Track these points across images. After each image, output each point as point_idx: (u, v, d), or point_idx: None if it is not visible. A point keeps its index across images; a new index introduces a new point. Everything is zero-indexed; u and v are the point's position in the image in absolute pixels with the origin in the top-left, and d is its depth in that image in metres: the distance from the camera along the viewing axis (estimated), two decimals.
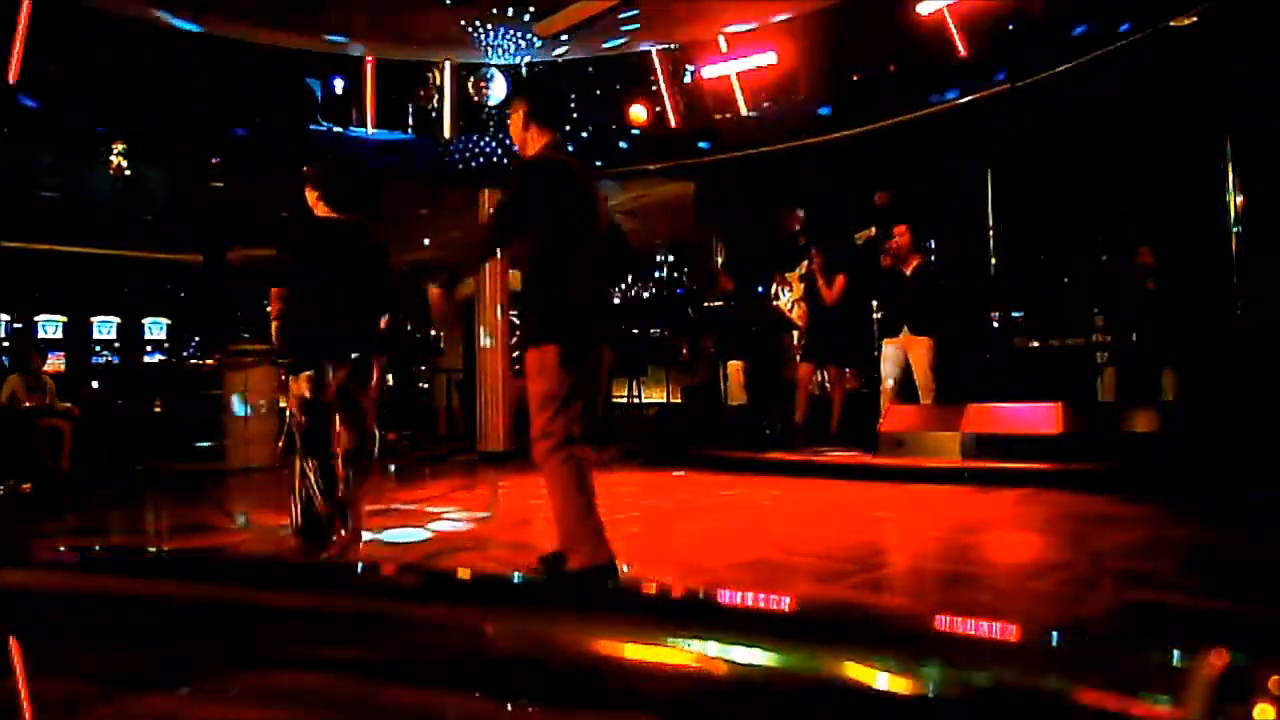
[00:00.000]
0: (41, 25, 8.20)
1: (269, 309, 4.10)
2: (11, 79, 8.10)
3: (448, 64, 10.24)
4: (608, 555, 3.28)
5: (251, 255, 12.71)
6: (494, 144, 10.32)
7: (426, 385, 15.49)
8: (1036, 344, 7.68)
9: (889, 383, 7.84)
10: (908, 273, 7.82)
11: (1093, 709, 0.49)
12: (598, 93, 10.38)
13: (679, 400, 11.34)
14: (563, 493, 3.32)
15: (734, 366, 9.38)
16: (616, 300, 13.95)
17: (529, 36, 9.26)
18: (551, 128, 3.53)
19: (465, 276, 3.18)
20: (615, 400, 12.93)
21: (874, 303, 9.47)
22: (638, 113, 10.15)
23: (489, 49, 9.59)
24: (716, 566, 4.01)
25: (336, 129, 9.80)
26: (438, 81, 10.41)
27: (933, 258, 8.13)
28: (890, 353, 7.84)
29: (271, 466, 8.06)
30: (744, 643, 0.61)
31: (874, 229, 8.77)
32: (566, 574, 3.25)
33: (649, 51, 10.09)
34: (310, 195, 4.25)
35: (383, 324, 4.29)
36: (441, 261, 3.24)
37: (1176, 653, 0.52)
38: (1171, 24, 7.07)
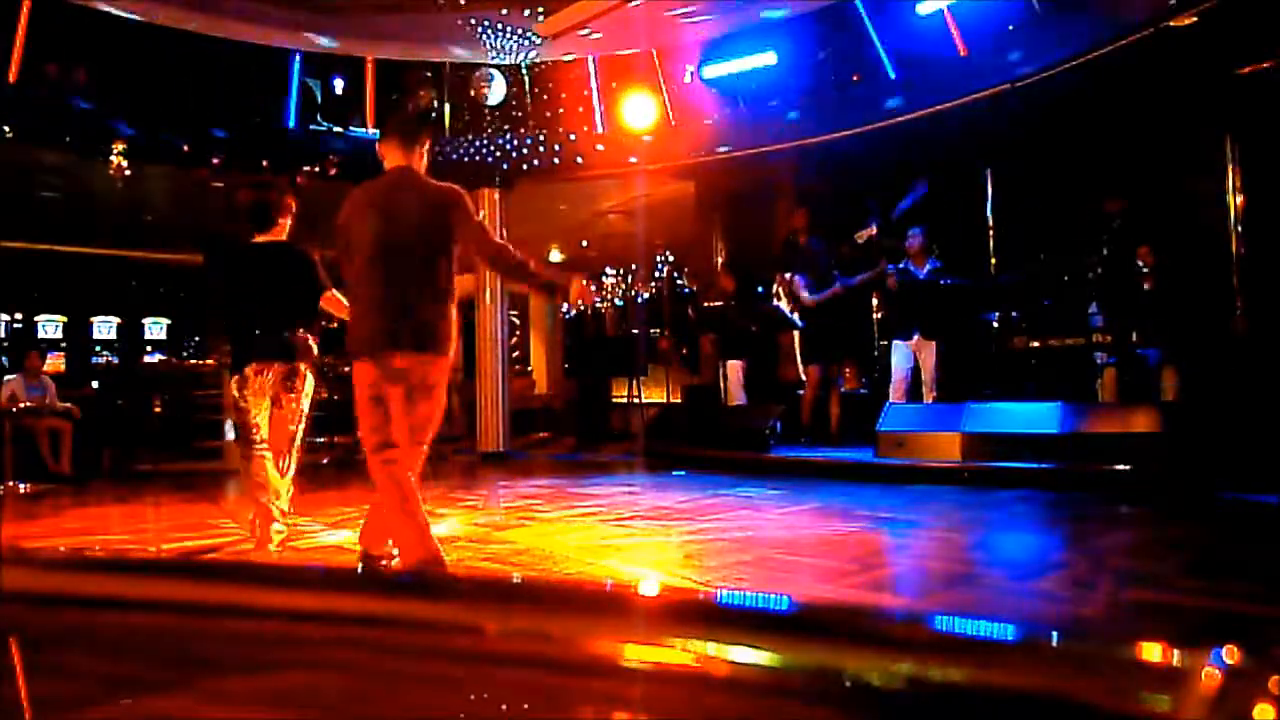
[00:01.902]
0: (42, 25, 8.20)
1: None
2: (12, 78, 8.10)
3: (447, 64, 10.25)
4: (432, 555, 3.43)
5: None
6: (493, 144, 10.32)
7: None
8: (1036, 344, 7.69)
9: (899, 383, 7.89)
10: (921, 276, 7.85)
11: (1093, 709, 0.49)
12: (598, 92, 10.37)
13: (679, 400, 11.34)
14: (381, 494, 3.59)
15: (734, 366, 9.37)
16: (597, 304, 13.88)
17: (530, 36, 9.26)
18: (403, 152, 3.71)
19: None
20: (615, 400, 12.94)
21: (874, 301, 9.48)
22: (638, 113, 10.15)
23: (489, 50, 9.59)
24: (717, 566, 4.01)
25: (336, 129, 9.81)
26: (438, 82, 10.41)
27: (939, 261, 8.14)
28: (901, 355, 7.90)
29: None
30: (744, 643, 0.61)
31: (874, 229, 8.77)
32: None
33: (649, 51, 10.09)
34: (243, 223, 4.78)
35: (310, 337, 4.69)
36: None
37: (1176, 653, 0.52)
38: (1171, 24, 7.06)
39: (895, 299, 8.17)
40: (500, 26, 9.11)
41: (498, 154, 10.31)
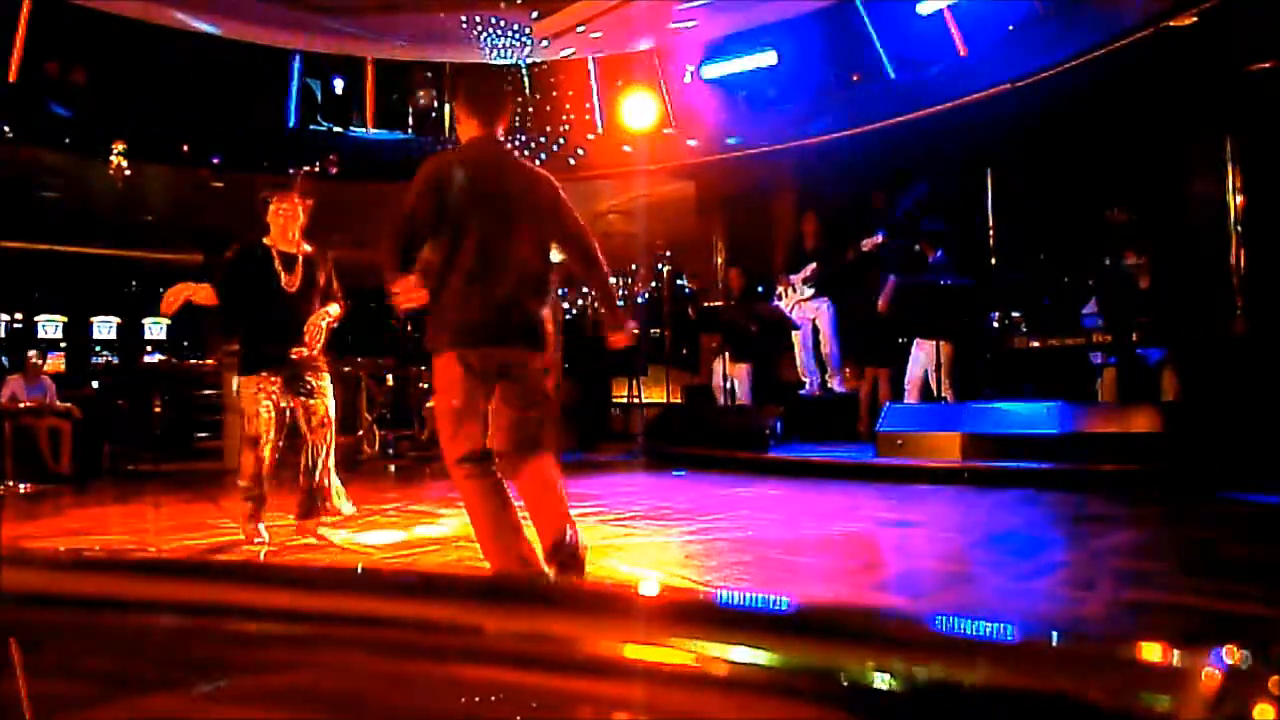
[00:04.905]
0: (42, 25, 8.20)
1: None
2: (11, 79, 8.10)
3: (448, 64, 10.25)
4: (535, 569, 3.13)
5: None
6: None
7: (426, 385, 15.47)
8: (1036, 344, 7.68)
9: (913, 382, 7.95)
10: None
11: (1092, 709, 0.49)
12: (598, 92, 10.38)
13: (679, 400, 11.33)
14: (471, 512, 3.17)
15: (741, 369, 9.35)
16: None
17: (529, 35, 9.26)
18: (480, 121, 3.35)
19: (388, 281, 3.07)
20: (615, 400, 12.94)
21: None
22: (637, 113, 10.14)
23: (489, 49, 9.59)
24: (717, 566, 4.01)
25: (336, 129, 9.81)
26: (438, 81, 10.41)
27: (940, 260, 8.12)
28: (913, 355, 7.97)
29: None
30: (744, 643, 0.61)
31: (880, 237, 8.71)
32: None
33: (650, 51, 10.09)
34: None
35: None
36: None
37: (1176, 653, 0.52)
38: (1171, 24, 7.06)
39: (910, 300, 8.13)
40: (500, 26, 9.11)
41: None
